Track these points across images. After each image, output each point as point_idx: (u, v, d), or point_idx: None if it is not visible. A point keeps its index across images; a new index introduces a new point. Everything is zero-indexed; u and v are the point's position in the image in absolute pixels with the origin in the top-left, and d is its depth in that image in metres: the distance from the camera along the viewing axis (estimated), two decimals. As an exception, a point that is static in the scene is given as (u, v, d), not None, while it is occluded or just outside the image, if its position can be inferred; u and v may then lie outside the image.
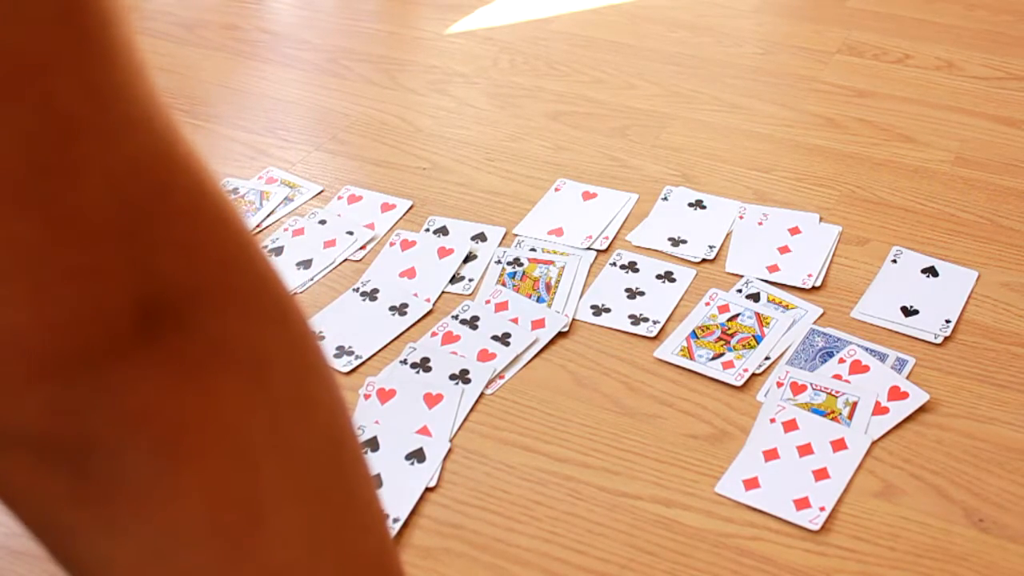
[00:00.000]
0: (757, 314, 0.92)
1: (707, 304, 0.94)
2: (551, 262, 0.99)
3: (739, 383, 0.86)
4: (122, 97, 0.29)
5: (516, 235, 1.03)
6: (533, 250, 1.01)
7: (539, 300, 0.95)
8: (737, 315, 0.92)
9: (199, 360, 0.31)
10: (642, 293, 0.95)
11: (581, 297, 0.95)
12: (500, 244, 1.03)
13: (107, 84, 0.28)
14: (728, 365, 0.88)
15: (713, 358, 0.88)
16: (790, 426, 0.82)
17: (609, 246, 1.02)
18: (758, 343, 0.90)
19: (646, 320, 0.92)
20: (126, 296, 0.29)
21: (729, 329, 0.91)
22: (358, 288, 0.97)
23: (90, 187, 0.28)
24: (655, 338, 0.91)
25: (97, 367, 0.29)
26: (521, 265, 0.99)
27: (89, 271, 0.29)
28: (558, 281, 0.96)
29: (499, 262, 0.99)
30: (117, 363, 0.30)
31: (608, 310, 0.94)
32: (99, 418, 0.30)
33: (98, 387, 0.30)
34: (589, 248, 1.01)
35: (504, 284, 0.96)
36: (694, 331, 0.91)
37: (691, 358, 0.89)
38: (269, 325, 0.34)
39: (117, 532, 0.32)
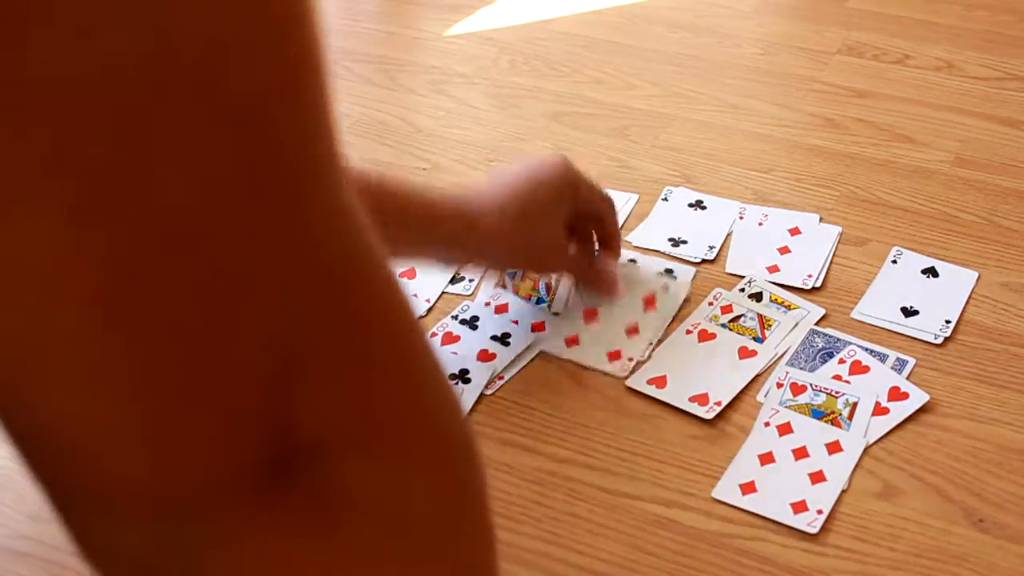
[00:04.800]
0: (759, 315, 0.92)
1: (710, 304, 0.94)
2: None
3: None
4: (301, 239, 0.25)
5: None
6: (533, 250, 1.01)
7: (539, 301, 0.95)
8: (739, 316, 0.92)
9: (331, 511, 0.28)
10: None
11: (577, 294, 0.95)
12: (500, 244, 1.03)
13: (285, 230, 0.25)
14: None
15: (713, 358, 0.89)
16: (784, 429, 0.82)
17: (609, 246, 1.02)
18: (759, 344, 0.90)
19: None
20: (255, 451, 0.27)
21: (730, 331, 0.91)
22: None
23: (243, 349, 0.25)
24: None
25: (216, 513, 0.27)
26: (521, 265, 0.99)
27: (221, 435, 0.26)
28: (558, 281, 0.96)
29: (499, 262, 0.99)
30: (239, 511, 0.27)
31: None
32: (212, 561, 0.27)
33: (214, 531, 0.27)
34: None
35: (504, 285, 0.96)
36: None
37: (691, 358, 0.89)
38: (423, 471, 0.31)
39: None
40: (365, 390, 0.29)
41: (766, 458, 0.80)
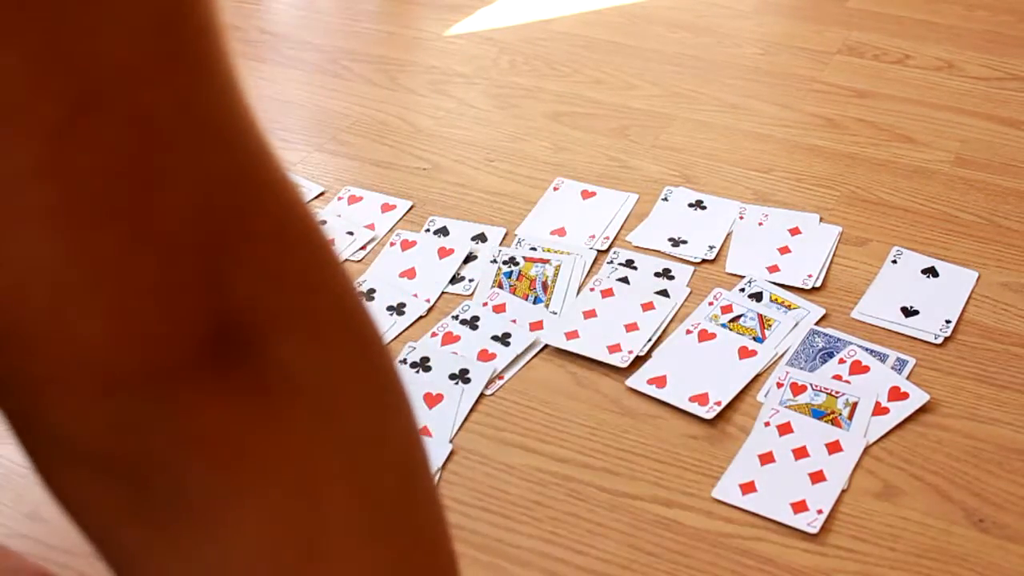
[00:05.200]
0: (759, 315, 0.92)
1: (711, 304, 0.94)
2: (547, 260, 0.99)
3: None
4: (215, 111, 0.29)
5: (516, 236, 1.04)
6: (533, 249, 1.01)
7: (536, 300, 0.95)
8: (739, 316, 0.92)
9: (270, 387, 0.30)
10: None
11: (578, 296, 0.95)
12: (500, 244, 1.03)
13: (201, 97, 0.28)
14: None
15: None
16: (785, 429, 0.82)
17: (609, 247, 1.02)
18: (759, 344, 0.90)
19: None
20: (201, 315, 0.29)
21: (730, 331, 0.91)
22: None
23: (175, 201, 0.28)
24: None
25: (165, 386, 0.29)
26: (517, 265, 0.99)
27: (167, 286, 0.28)
28: (555, 280, 0.96)
29: (494, 262, 0.99)
30: (185, 383, 0.29)
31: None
32: (162, 437, 0.29)
33: (164, 406, 0.29)
34: (592, 248, 1.01)
35: (501, 285, 0.96)
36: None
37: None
38: (346, 355, 0.33)
39: (177, 554, 0.31)
40: (286, 269, 0.31)
41: (766, 458, 0.80)
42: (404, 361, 0.89)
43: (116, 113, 0.26)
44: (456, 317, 0.93)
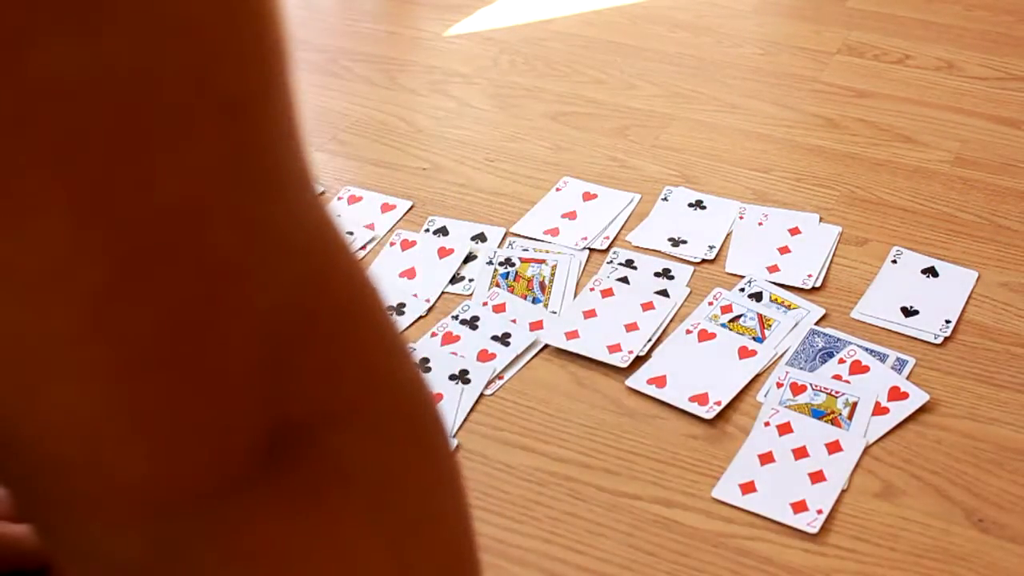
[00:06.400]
0: (759, 315, 0.92)
1: (710, 304, 0.94)
2: (543, 261, 0.99)
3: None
4: (285, 228, 0.26)
5: (510, 232, 1.04)
6: (525, 250, 1.01)
7: (534, 301, 0.95)
8: (739, 316, 0.92)
9: (322, 485, 0.29)
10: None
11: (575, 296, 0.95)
12: (500, 245, 1.03)
13: (270, 219, 0.25)
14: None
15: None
16: (784, 429, 0.82)
17: (609, 246, 1.02)
18: (759, 344, 0.90)
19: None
20: (256, 429, 0.27)
21: (730, 331, 0.91)
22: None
23: (236, 337, 0.25)
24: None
25: (215, 505, 0.27)
26: (513, 265, 0.99)
27: (220, 422, 0.26)
28: (552, 280, 0.96)
29: (490, 263, 0.99)
30: (236, 498, 0.27)
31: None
32: (211, 555, 0.27)
33: (210, 525, 0.27)
34: (584, 248, 1.01)
35: (498, 285, 0.96)
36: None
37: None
38: (402, 443, 0.31)
39: None
40: (347, 363, 0.29)
41: (766, 458, 0.80)
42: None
43: (172, 264, 0.24)
44: (456, 317, 0.93)
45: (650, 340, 0.90)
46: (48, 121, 0.21)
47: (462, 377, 0.87)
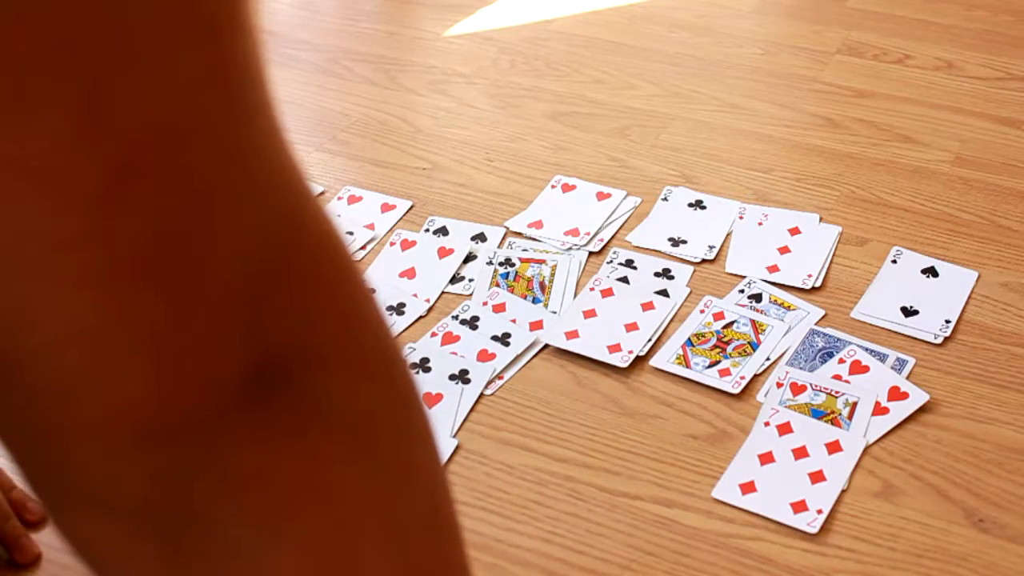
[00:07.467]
0: (752, 321, 0.92)
1: (702, 312, 0.93)
2: (543, 261, 0.99)
3: (736, 391, 0.86)
4: (261, 159, 0.28)
5: (506, 228, 1.04)
6: (525, 250, 1.01)
7: (534, 301, 0.95)
8: (733, 322, 0.92)
9: (308, 424, 0.30)
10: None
11: (576, 296, 0.95)
12: (500, 245, 1.03)
13: (247, 147, 0.27)
14: (725, 372, 0.87)
15: (709, 366, 0.88)
16: (784, 429, 0.82)
17: (605, 246, 1.02)
18: (754, 350, 0.89)
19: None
20: (243, 360, 0.28)
21: (724, 336, 0.91)
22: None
23: (221, 256, 0.27)
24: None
25: (206, 433, 0.28)
26: (513, 265, 0.99)
27: (210, 338, 0.27)
28: (551, 280, 0.96)
29: (490, 263, 0.99)
30: (226, 428, 0.28)
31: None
32: (202, 485, 0.29)
33: (203, 453, 0.28)
34: (581, 247, 1.01)
35: (498, 285, 0.96)
36: (689, 339, 0.91)
37: (687, 366, 0.88)
38: (376, 385, 0.33)
39: None
40: (325, 305, 0.31)
41: (766, 458, 0.80)
42: (404, 361, 0.89)
43: (163, 174, 0.25)
44: (456, 317, 0.93)
45: (650, 340, 0.90)
46: (48, 21, 0.22)
47: (462, 377, 0.87)
